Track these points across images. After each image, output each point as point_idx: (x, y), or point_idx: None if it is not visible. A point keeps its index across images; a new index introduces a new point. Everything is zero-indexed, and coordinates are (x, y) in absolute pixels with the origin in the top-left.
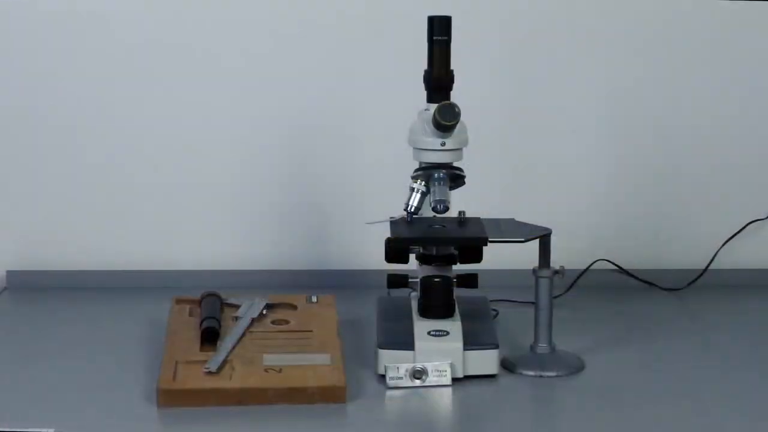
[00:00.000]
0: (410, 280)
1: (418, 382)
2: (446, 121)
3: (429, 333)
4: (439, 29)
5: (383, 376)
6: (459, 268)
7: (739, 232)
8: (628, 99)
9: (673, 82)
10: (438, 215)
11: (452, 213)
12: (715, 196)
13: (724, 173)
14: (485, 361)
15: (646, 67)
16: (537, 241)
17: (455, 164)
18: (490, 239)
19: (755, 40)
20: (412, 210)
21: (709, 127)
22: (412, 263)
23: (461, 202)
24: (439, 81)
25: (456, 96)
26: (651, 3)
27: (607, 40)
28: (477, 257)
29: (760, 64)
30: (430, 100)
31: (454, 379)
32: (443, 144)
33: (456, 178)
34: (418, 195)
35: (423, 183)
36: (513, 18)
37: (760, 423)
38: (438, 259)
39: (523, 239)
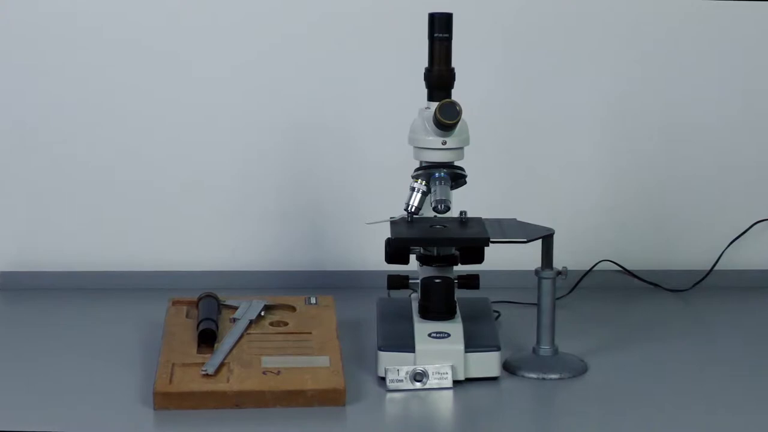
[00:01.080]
0: (410, 281)
1: (418, 385)
2: (447, 119)
3: (430, 335)
4: (440, 26)
5: (383, 379)
6: (460, 268)
7: (744, 232)
8: (631, 98)
9: (677, 83)
10: (439, 215)
11: (453, 213)
12: (719, 196)
13: (728, 173)
14: (487, 363)
15: (650, 67)
16: (539, 241)
17: (456, 163)
18: (491, 240)
19: (757, 40)
20: (413, 210)
21: (713, 127)
22: (413, 264)
23: (462, 201)
24: (440, 79)
25: (457, 94)
26: (653, 4)
27: (609, 40)
28: (478, 258)
29: (764, 64)
30: (430, 98)
31: (455, 382)
32: (444, 143)
33: (457, 178)
34: (419, 195)
35: (424, 182)
36: (515, 16)
37: (765, 426)
38: (439, 259)
39: (525, 240)
